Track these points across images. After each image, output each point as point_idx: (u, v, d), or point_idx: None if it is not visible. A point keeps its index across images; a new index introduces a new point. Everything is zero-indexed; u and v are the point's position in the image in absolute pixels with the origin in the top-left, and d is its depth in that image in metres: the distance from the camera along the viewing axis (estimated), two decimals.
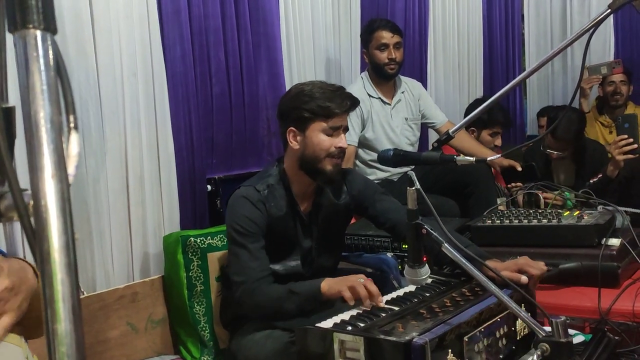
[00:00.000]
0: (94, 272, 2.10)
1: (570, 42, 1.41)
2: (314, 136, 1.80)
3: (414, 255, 1.43)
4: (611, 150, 2.55)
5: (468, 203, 2.80)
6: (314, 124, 1.80)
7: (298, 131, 1.82)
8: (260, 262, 1.76)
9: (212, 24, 2.51)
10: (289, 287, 1.71)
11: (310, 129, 1.80)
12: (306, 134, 1.81)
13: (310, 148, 1.81)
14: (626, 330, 1.81)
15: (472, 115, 1.70)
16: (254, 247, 1.77)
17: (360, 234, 2.39)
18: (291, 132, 1.83)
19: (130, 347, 2.07)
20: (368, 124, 2.95)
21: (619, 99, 3.62)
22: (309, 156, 1.82)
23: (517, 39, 4.53)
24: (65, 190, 0.47)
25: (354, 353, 1.30)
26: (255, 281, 1.73)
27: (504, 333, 1.43)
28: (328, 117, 1.79)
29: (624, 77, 3.62)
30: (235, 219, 1.79)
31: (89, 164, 2.09)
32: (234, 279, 1.76)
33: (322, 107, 1.78)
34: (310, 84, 1.85)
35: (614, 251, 1.99)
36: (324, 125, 1.79)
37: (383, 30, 2.92)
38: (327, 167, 1.82)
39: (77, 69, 2.05)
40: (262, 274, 1.75)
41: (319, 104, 1.78)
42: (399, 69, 2.98)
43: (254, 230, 1.78)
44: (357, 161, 3.01)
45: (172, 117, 2.35)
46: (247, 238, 1.77)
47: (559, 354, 1.08)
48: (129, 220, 2.22)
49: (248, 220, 1.78)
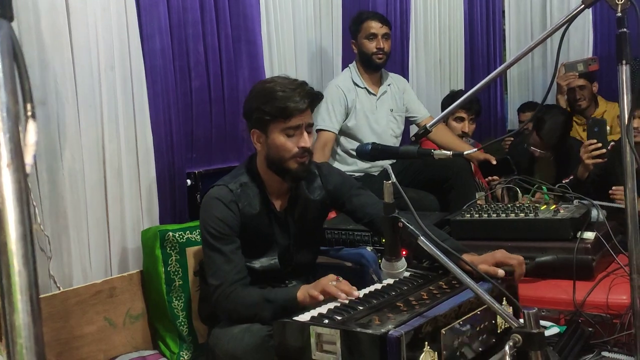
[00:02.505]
0: (70, 267, 2.08)
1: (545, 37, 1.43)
2: (275, 138, 1.77)
3: (390, 248, 1.44)
4: (581, 154, 2.59)
5: (447, 197, 2.82)
6: (274, 125, 1.76)
7: (260, 132, 1.79)
8: (234, 264, 1.75)
9: (191, 17, 2.49)
10: (264, 295, 1.70)
11: (270, 130, 1.77)
12: (268, 135, 1.78)
13: (274, 149, 1.78)
14: (600, 322, 1.84)
15: (449, 109, 1.72)
16: (228, 249, 1.76)
17: (339, 228, 2.39)
18: (254, 133, 1.80)
19: (108, 342, 2.06)
20: (352, 113, 2.96)
21: (582, 104, 3.68)
22: (273, 157, 1.80)
23: (498, 35, 4.57)
24: (23, 180, 0.46)
25: (330, 346, 1.31)
26: (230, 284, 1.72)
27: (483, 326, 1.44)
28: (287, 118, 1.75)
29: (583, 82, 3.67)
30: (208, 221, 1.78)
31: (65, 157, 2.06)
32: (210, 282, 1.76)
33: (280, 108, 1.73)
34: (271, 82, 1.79)
35: (588, 244, 2.02)
36: (284, 126, 1.76)
37: (372, 21, 2.95)
38: (292, 166, 1.80)
39: (53, 61, 2.01)
40: (238, 276, 1.74)
41: (277, 104, 1.73)
42: (386, 59, 3.01)
43: (227, 232, 1.77)
44: (339, 149, 3.02)
45: (150, 110, 2.32)
46: (221, 241, 1.76)
47: (530, 344, 1.09)
48: (106, 214, 2.20)
49: (220, 222, 1.77)
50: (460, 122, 3.31)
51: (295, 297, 1.64)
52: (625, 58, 1.33)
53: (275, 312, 1.66)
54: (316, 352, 1.32)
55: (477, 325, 1.42)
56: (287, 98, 1.74)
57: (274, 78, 1.85)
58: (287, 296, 1.66)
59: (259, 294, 1.71)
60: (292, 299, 1.64)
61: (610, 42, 4.10)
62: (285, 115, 1.74)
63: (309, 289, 1.61)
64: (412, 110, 3.18)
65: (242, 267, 1.77)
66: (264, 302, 1.68)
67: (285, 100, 1.73)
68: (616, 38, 1.35)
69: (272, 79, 1.85)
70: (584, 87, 3.68)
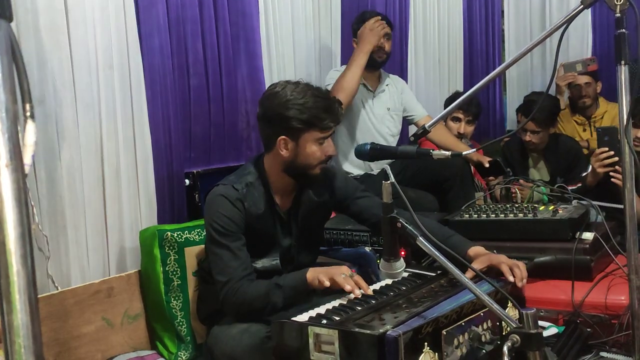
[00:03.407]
0: (68, 266, 2.07)
1: (544, 37, 1.43)
2: (307, 146, 1.78)
3: (389, 249, 1.44)
4: (592, 163, 2.59)
5: (447, 197, 2.82)
6: (308, 134, 1.76)
7: (289, 139, 1.78)
8: (241, 260, 1.75)
9: (190, 15, 2.48)
10: (274, 280, 1.72)
11: (303, 139, 1.77)
12: (299, 143, 1.78)
13: (303, 157, 1.79)
14: (598, 323, 1.85)
15: (447, 110, 1.72)
16: (235, 245, 1.76)
17: (339, 228, 2.39)
18: (282, 140, 1.78)
19: (106, 342, 2.05)
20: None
21: (586, 101, 3.71)
22: (300, 164, 1.80)
23: (497, 35, 4.57)
24: (21, 180, 0.46)
25: (329, 346, 1.31)
26: (238, 280, 1.72)
27: (487, 327, 1.43)
28: (325, 129, 1.77)
29: (589, 79, 3.69)
30: (215, 218, 1.77)
31: (63, 157, 2.05)
32: (217, 279, 1.76)
33: (319, 119, 1.75)
34: (300, 91, 1.76)
35: (587, 245, 2.02)
36: (319, 136, 1.77)
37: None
38: (316, 172, 1.83)
39: (51, 60, 2.01)
40: (245, 272, 1.74)
41: (315, 114, 1.74)
42: (386, 59, 3.01)
43: (233, 229, 1.77)
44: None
45: (149, 109, 2.31)
46: (228, 237, 1.76)
47: (528, 345, 1.10)
48: (104, 214, 2.19)
49: (227, 219, 1.77)
50: (457, 123, 3.31)
51: (305, 278, 1.67)
52: (624, 58, 1.33)
53: (286, 296, 1.69)
54: (314, 353, 1.32)
55: (481, 326, 1.42)
56: (325, 110, 1.76)
57: (299, 86, 1.78)
58: (298, 278, 1.69)
59: (268, 282, 1.73)
60: (302, 280, 1.68)
61: (609, 42, 4.10)
62: (322, 126, 1.76)
63: (320, 272, 1.64)
64: (409, 109, 3.18)
65: (248, 264, 1.78)
66: (274, 288, 1.69)
67: (322, 111, 1.75)
68: (615, 39, 1.35)
69: (297, 87, 1.78)
70: (589, 85, 3.69)
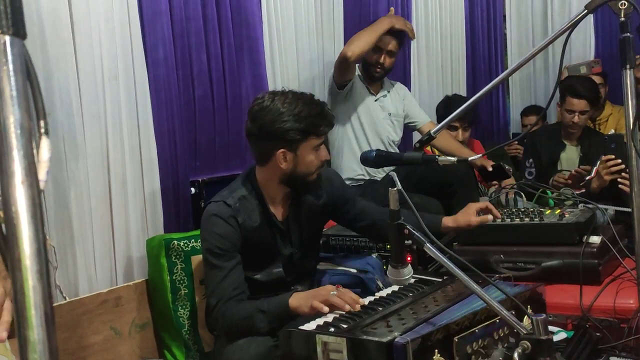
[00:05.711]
0: (76, 277, 2.08)
1: (548, 43, 1.43)
2: (306, 155, 1.79)
3: (396, 255, 1.44)
4: (599, 170, 2.58)
5: (451, 202, 2.81)
6: (306, 143, 1.77)
7: (288, 151, 1.78)
8: (232, 280, 1.75)
9: (194, 26, 2.50)
10: (257, 305, 1.70)
11: (301, 149, 1.78)
12: (297, 153, 1.78)
13: (302, 166, 1.80)
14: (607, 327, 1.84)
15: (453, 115, 1.72)
16: (227, 265, 1.76)
17: (344, 234, 2.39)
18: (282, 154, 1.78)
19: (114, 351, 2.05)
20: (349, 93, 2.99)
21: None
22: (299, 173, 1.81)
23: (499, 40, 4.57)
24: (36, 196, 0.47)
25: (337, 354, 1.30)
26: (227, 301, 1.72)
27: (503, 334, 1.40)
28: (320, 135, 1.80)
29: (601, 80, 3.59)
30: (209, 239, 1.78)
31: (70, 167, 2.07)
32: (209, 302, 1.78)
33: (315, 125, 1.76)
34: (291, 101, 1.75)
35: (594, 249, 2.01)
36: (315, 143, 1.79)
37: (384, 35, 2.93)
38: (313, 178, 1.85)
39: (57, 72, 2.02)
40: (234, 292, 1.74)
41: (312, 122, 1.75)
42: (383, 74, 3.04)
43: (227, 248, 1.77)
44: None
45: (154, 119, 2.33)
46: (221, 258, 1.76)
47: (539, 351, 1.09)
48: (111, 224, 2.20)
49: (221, 237, 1.77)
50: (455, 131, 3.30)
51: (287, 305, 1.65)
52: (629, 62, 1.33)
53: (270, 321, 1.67)
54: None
55: (496, 334, 1.39)
56: (319, 116, 1.77)
57: (288, 96, 1.77)
58: (280, 304, 1.67)
59: (252, 305, 1.71)
60: (284, 307, 1.65)
61: (612, 45, 4.10)
62: (319, 133, 1.78)
63: (309, 299, 1.60)
64: (412, 115, 3.18)
65: (239, 283, 1.77)
66: (257, 313, 1.68)
67: (317, 117, 1.76)
68: (619, 43, 1.35)
69: (285, 97, 1.76)
70: (601, 86, 3.61)
